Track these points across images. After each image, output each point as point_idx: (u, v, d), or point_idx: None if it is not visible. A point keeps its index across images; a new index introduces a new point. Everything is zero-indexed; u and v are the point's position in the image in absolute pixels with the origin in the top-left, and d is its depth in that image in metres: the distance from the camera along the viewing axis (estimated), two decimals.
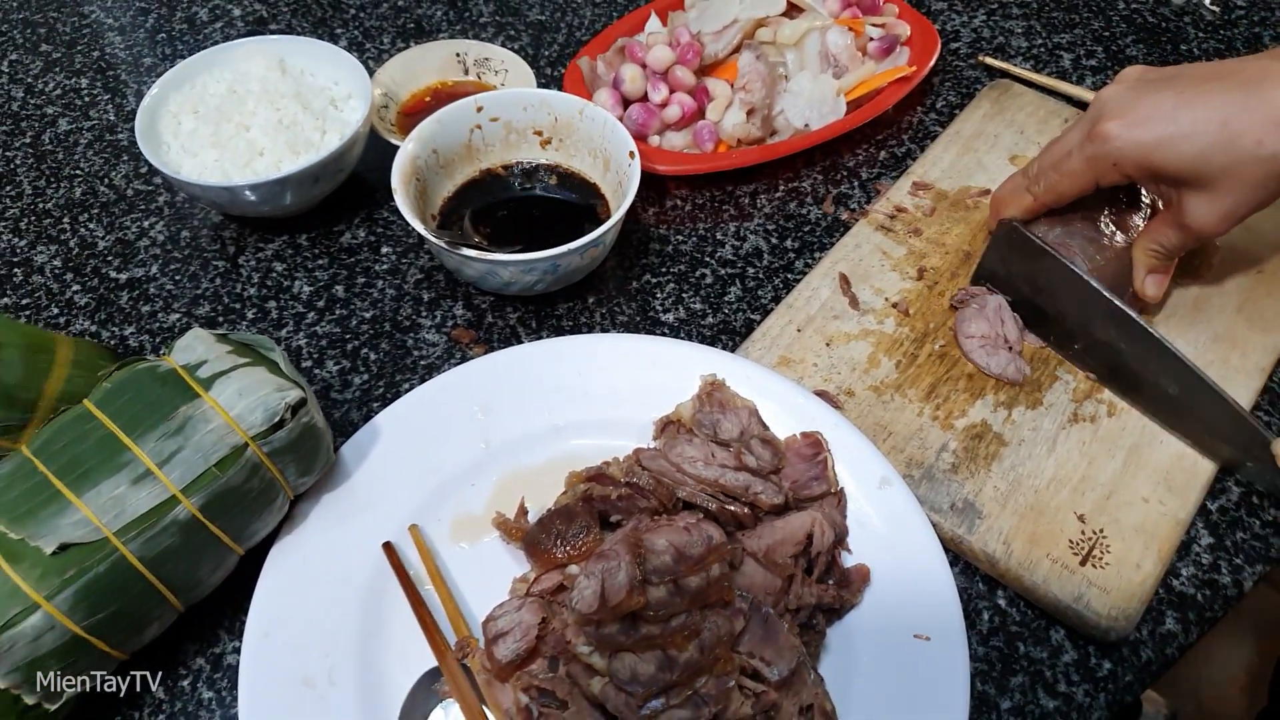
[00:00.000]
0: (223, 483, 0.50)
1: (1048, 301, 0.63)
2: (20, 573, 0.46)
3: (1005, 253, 0.64)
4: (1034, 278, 0.63)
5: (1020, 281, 0.64)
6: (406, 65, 0.81)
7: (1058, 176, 0.60)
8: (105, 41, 0.93)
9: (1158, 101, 0.56)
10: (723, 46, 0.77)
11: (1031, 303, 0.64)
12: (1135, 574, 0.53)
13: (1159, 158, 0.55)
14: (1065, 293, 0.61)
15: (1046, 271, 0.62)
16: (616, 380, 0.61)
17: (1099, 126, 0.57)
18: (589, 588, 0.47)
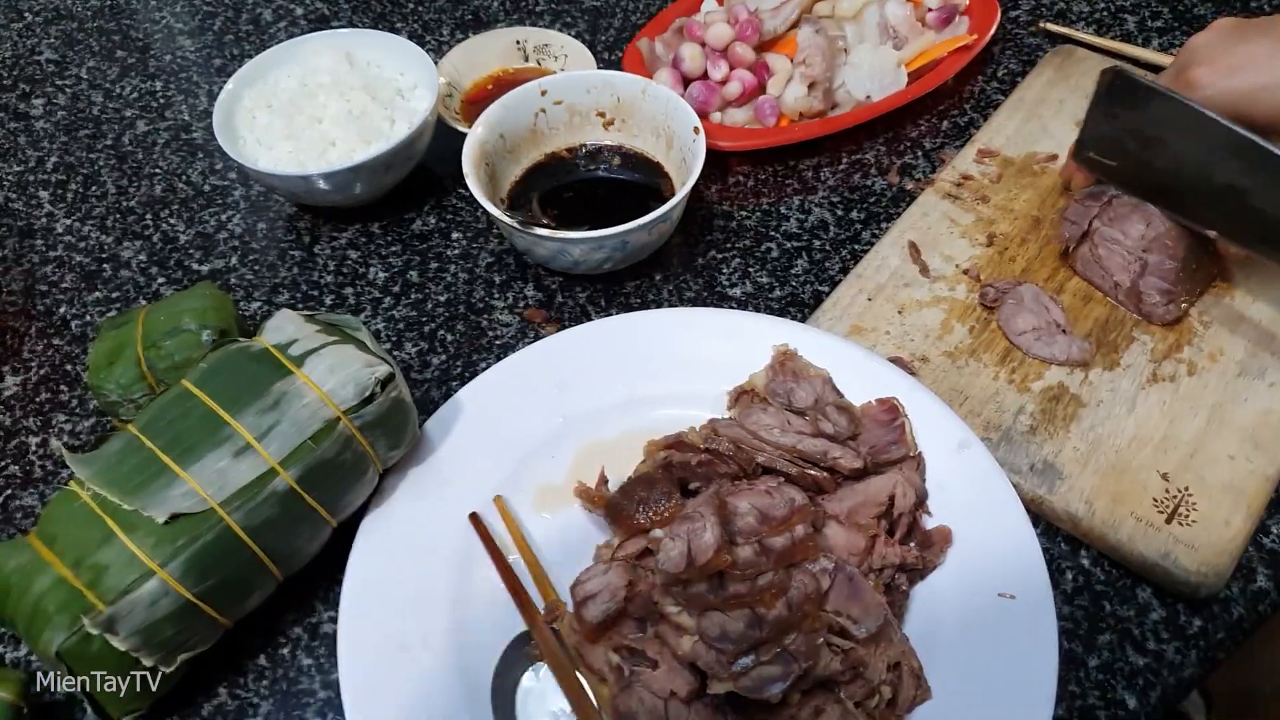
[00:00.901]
0: (317, 455, 0.52)
1: (1159, 155, 0.59)
2: (135, 541, 0.48)
3: (1109, 106, 0.60)
4: (1142, 129, 0.59)
5: (1128, 139, 0.60)
6: (468, 54, 0.82)
7: None
8: (176, 45, 0.96)
9: (1251, 50, 0.55)
10: (781, 22, 0.78)
11: (1140, 159, 0.60)
12: (1224, 530, 0.53)
13: (1250, 106, 0.55)
14: (1180, 136, 0.57)
15: (1157, 117, 0.58)
16: (688, 353, 0.62)
17: (1188, 73, 0.57)
18: (675, 549, 0.48)
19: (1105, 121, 0.61)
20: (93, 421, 0.66)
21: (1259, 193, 0.56)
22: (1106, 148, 0.62)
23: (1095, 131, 0.62)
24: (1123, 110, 0.59)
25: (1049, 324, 0.62)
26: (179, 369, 0.59)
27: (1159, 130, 0.58)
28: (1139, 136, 0.59)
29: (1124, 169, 0.62)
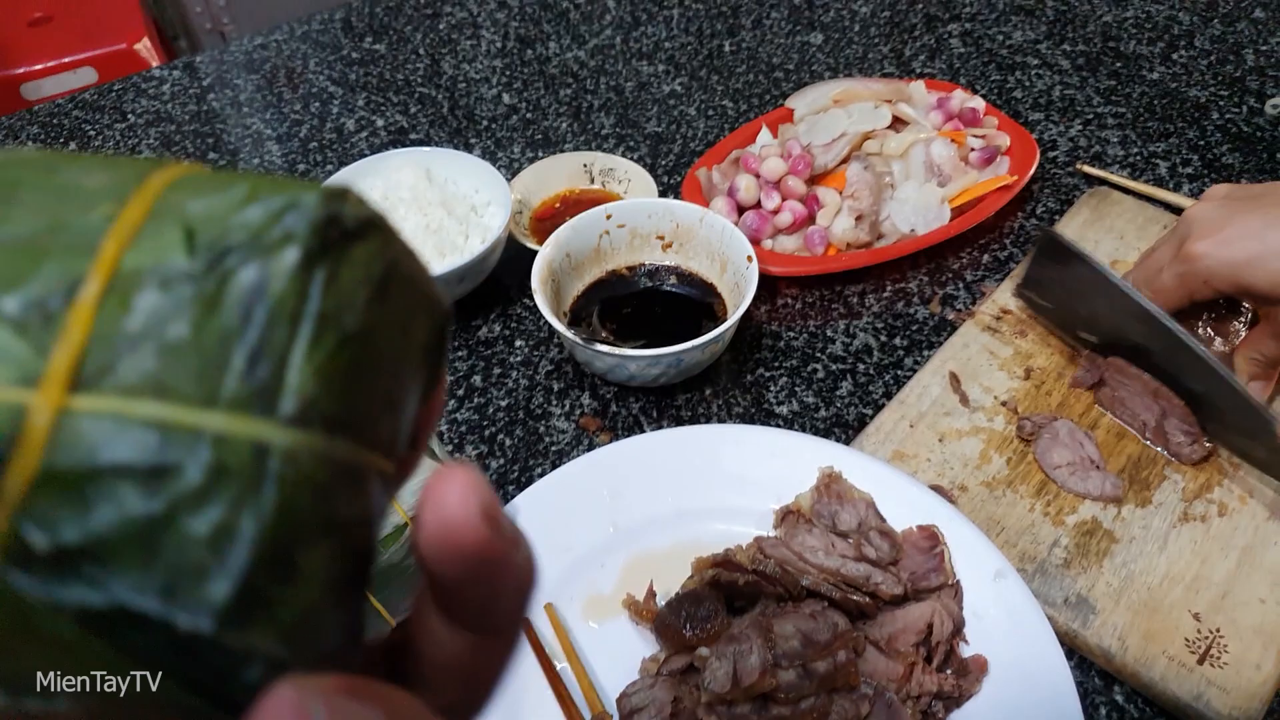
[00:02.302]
0: (384, 559, 0.55)
1: (1082, 306, 0.68)
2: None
3: (1042, 260, 0.71)
4: (1068, 283, 0.68)
5: (1057, 288, 0.70)
6: (539, 174, 0.88)
7: (1151, 294, 0.64)
8: (265, 150, 1.03)
9: (1245, 221, 0.59)
10: (832, 158, 0.83)
11: (1067, 307, 0.70)
12: (1255, 674, 0.54)
13: (1249, 276, 0.58)
14: (1098, 295, 0.66)
15: (1079, 276, 0.67)
16: (736, 469, 0.65)
17: (1188, 246, 0.60)
18: (722, 669, 0.51)
19: (1039, 271, 0.71)
20: None
21: (1161, 355, 0.64)
22: (1040, 291, 0.72)
23: (1032, 276, 0.73)
24: (1053, 265, 0.70)
25: (1083, 459, 0.65)
26: None
27: (1081, 287, 0.67)
28: (1066, 288, 0.69)
29: (1054, 313, 0.72)
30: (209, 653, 0.15)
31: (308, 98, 1.09)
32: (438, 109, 1.05)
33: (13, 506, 0.15)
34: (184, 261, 0.16)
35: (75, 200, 0.17)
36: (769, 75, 1.04)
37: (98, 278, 0.16)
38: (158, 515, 0.15)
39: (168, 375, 0.15)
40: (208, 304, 0.16)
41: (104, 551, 0.15)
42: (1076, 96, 0.98)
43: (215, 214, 0.16)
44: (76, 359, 0.15)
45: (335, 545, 0.17)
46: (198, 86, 1.13)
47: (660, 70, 1.07)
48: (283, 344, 0.16)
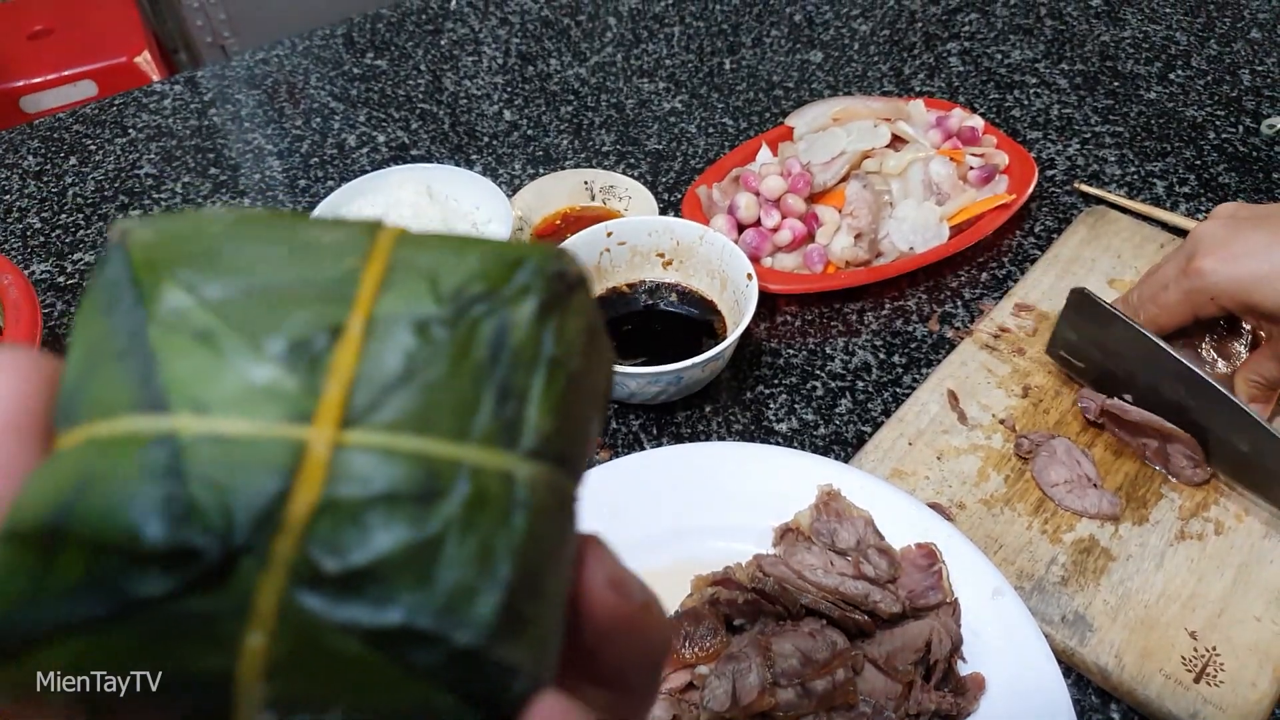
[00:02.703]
0: None
1: (1117, 365, 0.67)
2: None
3: (1075, 320, 0.69)
4: (1103, 342, 0.67)
5: (1091, 348, 0.68)
6: (540, 191, 0.89)
7: (1156, 311, 0.64)
8: (266, 165, 1.04)
9: (1253, 239, 0.59)
10: (831, 176, 0.83)
11: (1102, 366, 0.68)
12: (1251, 693, 0.55)
13: (1256, 294, 0.59)
14: (1133, 354, 0.65)
15: (1113, 334, 0.66)
16: (736, 486, 0.65)
17: (1194, 263, 0.61)
18: (721, 687, 0.51)
19: (1071, 330, 0.69)
20: None
21: (1200, 413, 0.63)
22: (1073, 351, 0.70)
23: (1063, 336, 0.70)
24: (1085, 324, 0.68)
25: (1080, 477, 0.65)
26: None
27: (1115, 345, 0.66)
28: (1100, 347, 0.67)
29: (1089, 371, 0.70)
30: (482, 667, 0.17)
31: (309, 113, 1.09)
32: (439, 125, 1.06)
33: (299, 533, 0.16)
34: (434, 308, 0.18)
35: (318, 254, 0.19)
36: (769, 93, 1.05)
37: (358, 322, 0.17)
38: (430, 539, 0.16)
39: (428, 412, 0.17)
40: (460, 347, 0.18)
41: (387, 573, 0.16)
42: (1074, 115, 0.99)
43: (448, 267, 0.19)
44: (345, 397, 0.17)
45: (562, 567, 0.19)
46: (199, 101, 1.13)
47: (661, 88, 1.07)
48: (523, 385, 0.18)
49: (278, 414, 0.17)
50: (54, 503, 0.16)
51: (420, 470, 0.17)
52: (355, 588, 0.16)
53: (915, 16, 1.15)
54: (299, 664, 0.16)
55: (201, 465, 0.16)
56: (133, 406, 0.17)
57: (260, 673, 0.16)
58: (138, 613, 0.16)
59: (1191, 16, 1.12)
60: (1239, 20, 1.11)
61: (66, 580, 0.16)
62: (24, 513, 0.16)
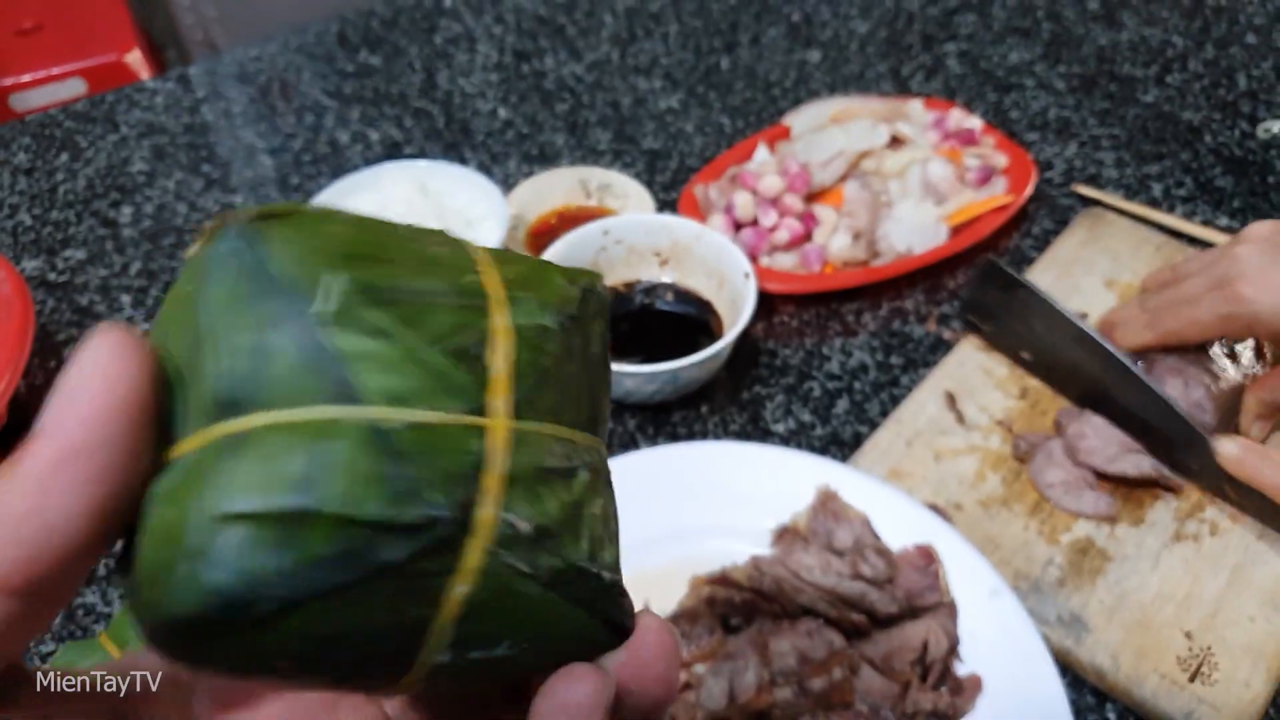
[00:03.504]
0: None
1: (1024, 330, 0.71)
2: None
3: (985, 285, 0.73)
4: (1010, 307, 0.71)
5: (1000, 311, 0.72)
6: (535, 189, 0.88)
7: (1181, 323, 0.64)
8: (258, 163, 1.03)
9: None
10: (829, 175, 0.83)
11: (1009, 330, 0.72)
12: (1245, 692, 0.55)
13: None
14: (1038, 319, 0.69)
15: (1021, 300, 0.70)
16: (733, 486, 0.65)
17: (1235, 288, 0.61)
18: (718, 686, 0.51)
19: (981, 294, 0.74)
20: None
21: (1099, 374, 0.67)
22: (982, 315, 0.75)
23: (973, 300, 0.76)
24: (994, 290, 0.73)
25: (1077, 478, 0.65)
26: None
27: (1022, 310, 0.70)
28: (1008, 311, 0.72)
29: (995, 334, 0.74)
30: (614, 597, 0.23)
31: (301, 110, 1.09)
32: (432, 123, 1.05)
33: (496, 502, 0.20)
34: (548, 322, 0.22)
35: (438, 264, 0.22)
36: (766, 92, 1.05)
37: (499, 330, 0.21)
38: (576, 503, 0.22)
39: (561, 405, 0.22)
40: (567, 355, 0.23)
41: (558, 529, 0.21)
42: (1072, 118, 0.99)
43: (545, 289, 0.23)
44: (509, 392, 0.21)
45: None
46: (191, 98, 1.13)
47: (657, 86, 1.07)
48: (602, 384, 0.25)
49: (461, 406, 0.20)
50: (291, 485, 0.18)
51: (564, 450, 0.22)
52: (541, 543, 0.21)
53: (913, 17, 1.15)
54: (489, 608, 0.20)
55: (412, 449, 0.19)
56: (324, 397, 0.19)
57: (455, 618, 0.20)
58: (379, 577, 0.18)
59: (1188, 20, 1.12)
60: (1235, 24, 1.11)
61: (316, 553, 0.18)
62: (257, 494, 0.18)
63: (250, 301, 0.19)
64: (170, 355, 0.20)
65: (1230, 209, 0.88)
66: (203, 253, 0.20)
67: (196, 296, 0.20)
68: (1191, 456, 0.63)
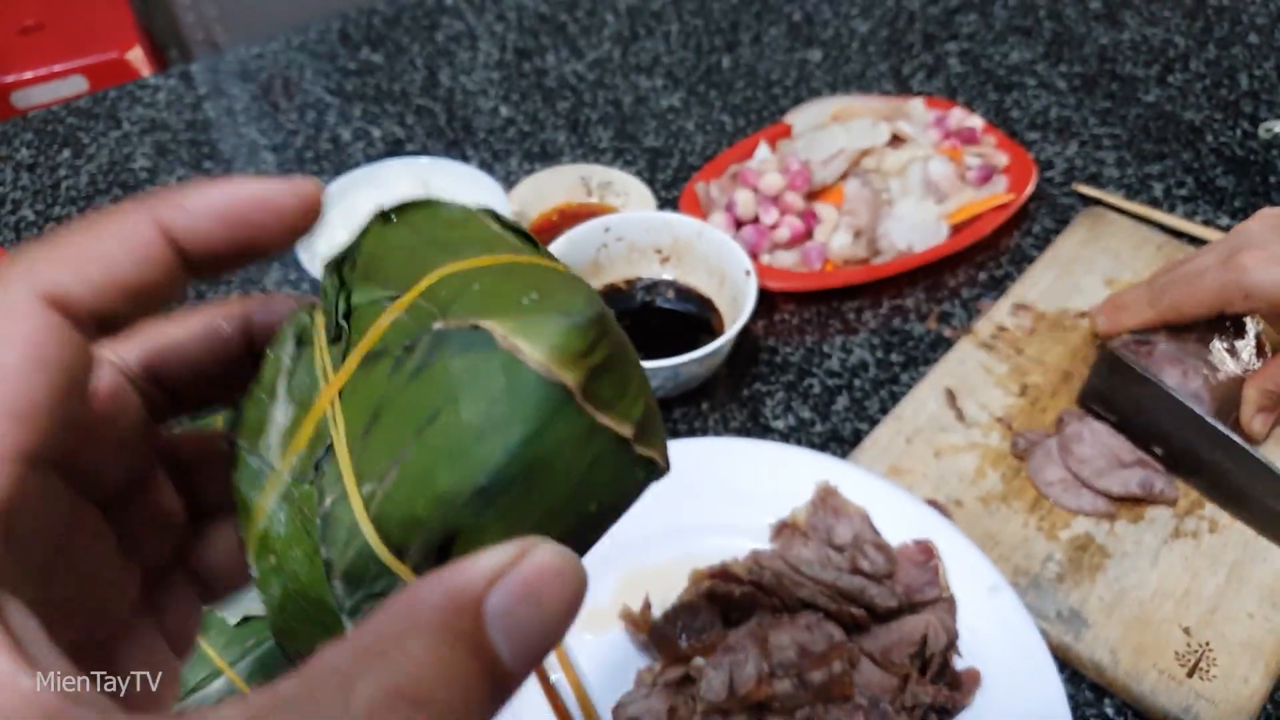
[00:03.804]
0: None
1: (1151, 422, 0.66)
2: (208, 641, 0.52)
3: (1107, 377, 0.68)
4: (1137, 400, 0.66)
5: (1124, 402, 0.67)
6: (537, 186, 0.88)
7: (1184, 295, 0.64)
8: (260, 159, 1.03)
9: None
10: (830, 173, 0.83)
11: (1136, 422, 0.67)
12: (1243, 688, 0.55)
13: None
14: (1166, 416, 0.64)
15: (1148, 396, 0.65)
16: (733, 483, 0.65)
17: (1238, 257, 0.61)
18: (718, 678, 0.51)
19: (1103, 384, 0.69)
20: None
21: (1236, 475, 0.63)
22: (1106, 405, 0.69)
23: (1094, 389, 0.69)
24: (1118, 382, 0.67)
25: (1074, 477, 0.65)
26: None
27: (1148, 403, 0.66)
28: (1134, 404, 0.67)
29: (1123, 425, 0.68)
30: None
31: (304, 107, 1.09)
32: (434, 120, 1.05)
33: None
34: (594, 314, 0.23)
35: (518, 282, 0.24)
36: (767, 91, 1.05)
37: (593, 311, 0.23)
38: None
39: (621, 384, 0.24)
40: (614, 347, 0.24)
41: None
42: (1073, 117, 0.99)
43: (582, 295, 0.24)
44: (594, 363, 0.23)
45: None
46: (193, 95, 1.13)
47: (659, 84, 1.07)
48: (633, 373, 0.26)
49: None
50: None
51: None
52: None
53: (914, 16, 1.15)
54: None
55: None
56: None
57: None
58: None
59: (1190, 20, 1.12)
60: (1237, 24, 1.11)
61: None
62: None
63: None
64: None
65: (1231, 209, 0.88)
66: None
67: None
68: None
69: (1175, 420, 0.64)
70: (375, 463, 0.22)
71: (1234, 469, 0.62)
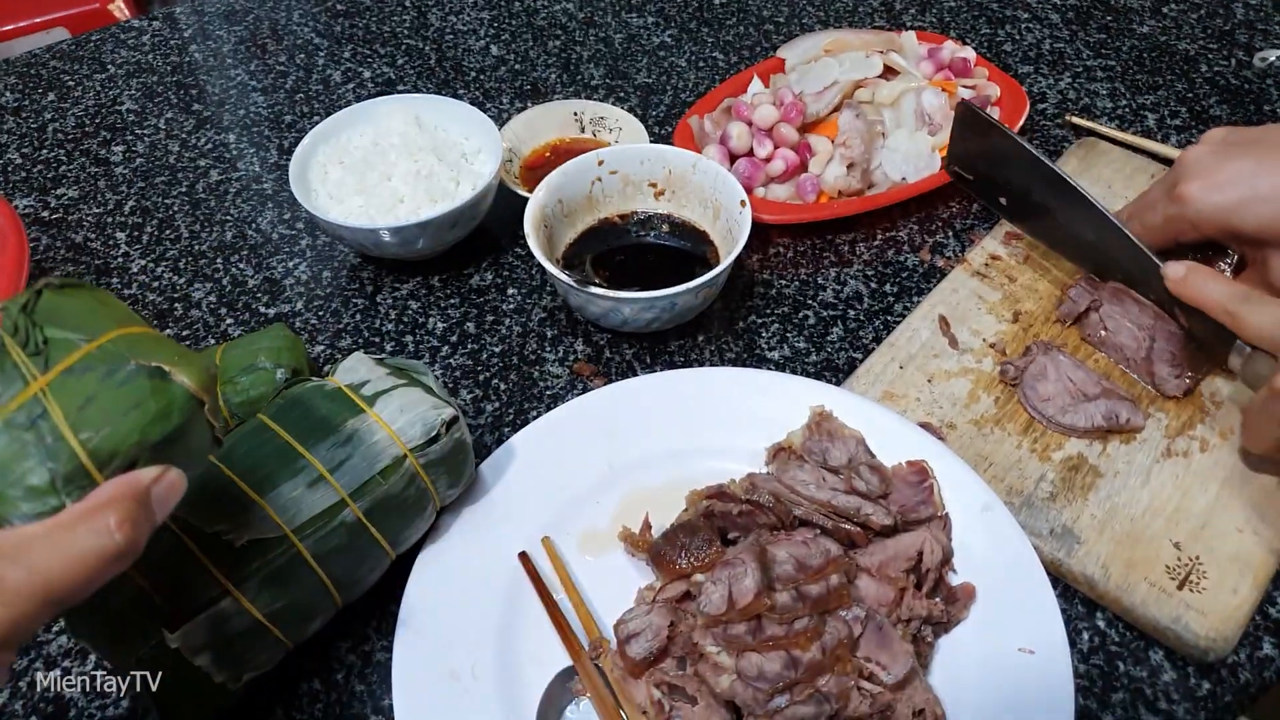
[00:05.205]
0: (384, 490, 0.55)
1: (999, 173, 0.73)
2: (213, 562, 0.52)
3: (963, 131, 0.74)
4: (987, 152, 0.73)
5: (979, 159, 0.74)
6: (529, 123, 0.88)
7: (1140, 230, 0.65)
8: (250, 101, 1.02)
9: (1237, 165, 0.60)
10: (824, 106, 0.83)
11: (988, 175, 0.74)
12: (1232, 599, 0.56)
13: (1238, 220, 0.59)
14: (1012, 161, 0.70)
15: (994, 144, 0.71)
16: (729, 410, 0.66)
17: (1180, 188, 0.61)
18: (717, 592, 0.52)
19: (961, 143, 0.75)
20: None
21: (1062, 210, 0.69)
22: (964, 164, 0.76)
23: (955, 150, 0.76)
24: (972, 135, 0.73)
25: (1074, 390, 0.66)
26: (253, 404, 0.63)
27: (997, 154, 0.72)
28: (986, 157, 0.73)
29: (978, 182, 0.76)
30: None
31: (292, 49, 1.08)
32: (425, 60, 1.04)
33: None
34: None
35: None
36: (759, 28, 1.04)
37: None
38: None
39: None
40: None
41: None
42: (1066, 50, 0.98)
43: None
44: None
45: None
46: (179, 38, 1.11)
47: (650, 22, 1.06)
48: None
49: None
50: None
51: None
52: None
53: None
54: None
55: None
56: None
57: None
58: None
59: None
60: None
61: None
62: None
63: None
64: None
65: None
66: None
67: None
68: (1147, 285, 0.66)
69: (1018, 163, 0.70)
70: (91, 423, 0.39)
71: (1063, 207, 0.68)
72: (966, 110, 0.72)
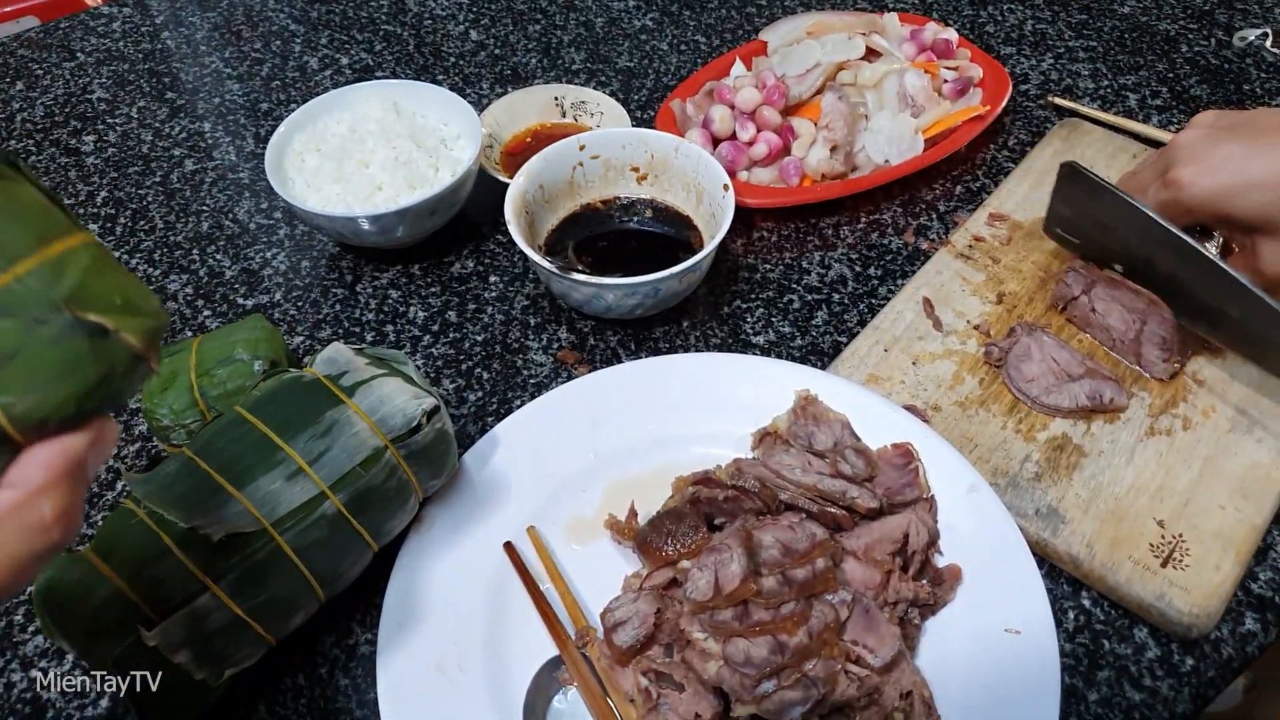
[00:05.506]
0: (364, 481, 0.55)
1: (1111, 239, 0.67)
2: (190, 557, 0.51)
3: (1067, 194, 0.69)
4: (1096, 216, 0.67)
5: (1086, 223, 0.68)
6: (510, 107, 0.87)
7: None
8: (225, 89, 1.01)
9: (1229, 151, 0.59)
10: (806, 88, 0.82)
11: (1098, 241, 0.68)
12: (1215, 575, 0.56)
13: (1230, 205, 0.59)
14: (1125, 226, 0.65)
15: (1105, 207, 0.65)
16: (714, 396, 0.65)
17: (1172, 173, 0.61)
18: (703, 578, 0.52)
19: (1064, 206, 0.70)
20: (138, 446, 0.70)
21: (1191, 282, 0.63)
22: (1069, 228, 0.71)
23: (1058, 214, 0.71)
24: (1078, 198, 0.68)
25: (1057, 370, 0.66)
26: (231, 396, 0.62)
27: (1108, 219, 0.66)
28: (1094, 222, 0.68)
29: (1086, 246, 0.70)
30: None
31: (268, 36, 1.06)
32: (403, 46, 1.03)
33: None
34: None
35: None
36: (741, 10, 1.04)
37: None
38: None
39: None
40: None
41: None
42: (1048, 31, 0.98)
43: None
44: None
45: None
46: (150, 25, 1.10)
47: (631, 5, 1.05)
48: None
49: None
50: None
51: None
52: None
53: None
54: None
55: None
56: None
57: None
58: None
59: None
60: None
61: None
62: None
63: None
64: None
65: None
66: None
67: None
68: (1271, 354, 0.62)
69: (1134, 232, 0.64)
70: (12, 387, 0.32)
71: (1190, 278, 0.62)
72: (1071, 170, 0.67)
